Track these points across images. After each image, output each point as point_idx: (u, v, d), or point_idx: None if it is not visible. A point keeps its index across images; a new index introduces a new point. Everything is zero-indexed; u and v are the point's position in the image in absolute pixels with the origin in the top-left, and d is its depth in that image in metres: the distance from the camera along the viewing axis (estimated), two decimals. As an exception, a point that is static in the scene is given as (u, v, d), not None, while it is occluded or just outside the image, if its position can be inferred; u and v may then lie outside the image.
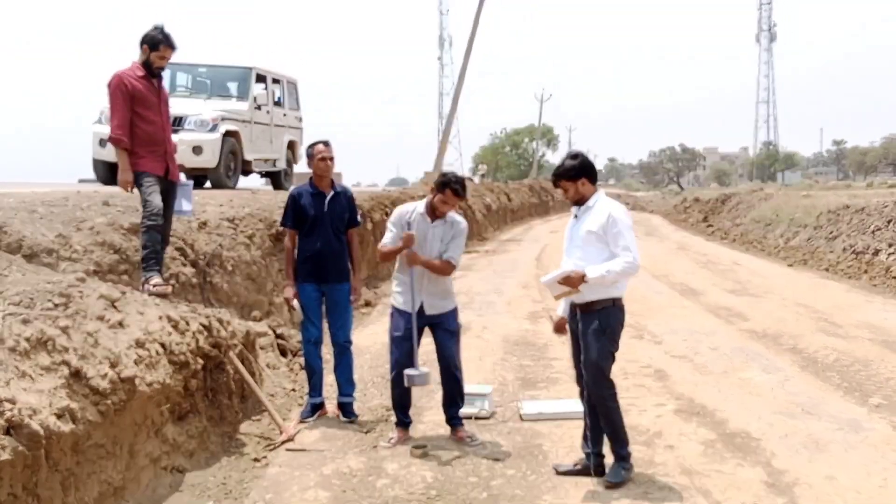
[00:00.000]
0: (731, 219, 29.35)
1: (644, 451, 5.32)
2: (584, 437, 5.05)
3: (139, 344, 4.47)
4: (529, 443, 5.55)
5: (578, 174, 4.85)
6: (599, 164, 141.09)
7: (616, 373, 7.43)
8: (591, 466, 4.91)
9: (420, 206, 5.59)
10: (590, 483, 4.80)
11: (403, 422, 5.70)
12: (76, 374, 3.86)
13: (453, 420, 5.67)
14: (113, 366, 4.09)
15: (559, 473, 5.00)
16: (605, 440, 4.92)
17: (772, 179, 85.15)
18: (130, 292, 5.23)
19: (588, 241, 4.77)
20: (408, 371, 5.40)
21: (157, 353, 4.65)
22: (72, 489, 3.77)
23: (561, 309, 5.14)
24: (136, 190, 5.85)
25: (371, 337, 9.18)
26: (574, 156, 4.99)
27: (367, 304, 11.45)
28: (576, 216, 4.96)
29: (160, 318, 4.96)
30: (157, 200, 5.71)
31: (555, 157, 78.40)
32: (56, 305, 4.13)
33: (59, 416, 3.63)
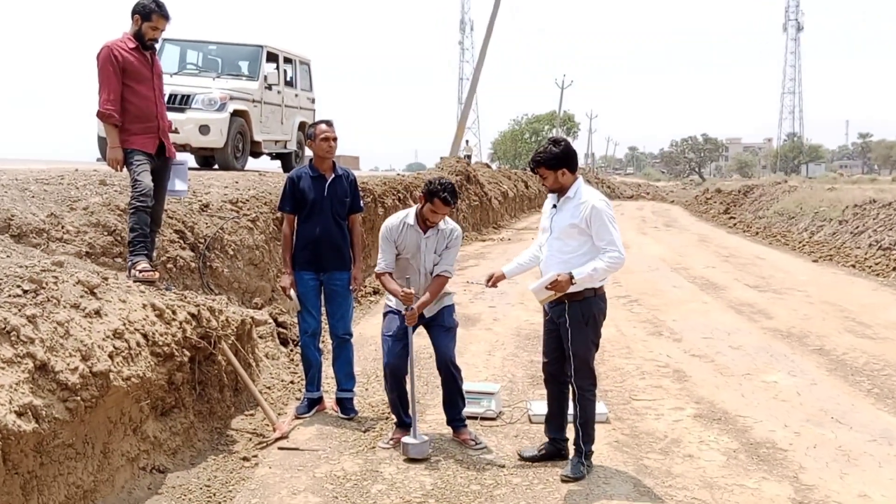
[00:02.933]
0: (754, 211, 28.78)
1: (661, 461, 4.95)
2: (547, 423, 5.00)
3: (117, 335, 4.14)
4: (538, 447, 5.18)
5: (559, 163, 4.63)
6: (620, 153, 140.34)
7: (632, 372, 7.14)
8: (556, 451, 4.92)
9: (410, 215, 5.23)
10: (602, 496, 4.43)
11: (403, 422, 5.35)
12: (42, 368, 3.54)
13: (455, 422, 5.32)
14: (85, 359, 3.77)
15: (523, 459, 4.92)
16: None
17: (795, 172, 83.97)
18: (115, 278, 4.91)
19: (569, 234, 4.62)
20: (405, 439, 5.08)
21: (138, 344, 4.32)
22: (34, 493, 3.46)
23: (508, 268, 5.04)
24: (125, 169, 5.51)
25: (377, 327, 8.75)
26: (556, 142, 4.73)
27: (375, 291, 11.11)
28: (554, 206, 4.77)
29: (144, 306, 4.63)
30: (147, 180, 5.37)
31: (575, 145, 77.78)
32: (25, 292, 3.81)
33: (20, 414, 3.31)
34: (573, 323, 4.62)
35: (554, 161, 4.59)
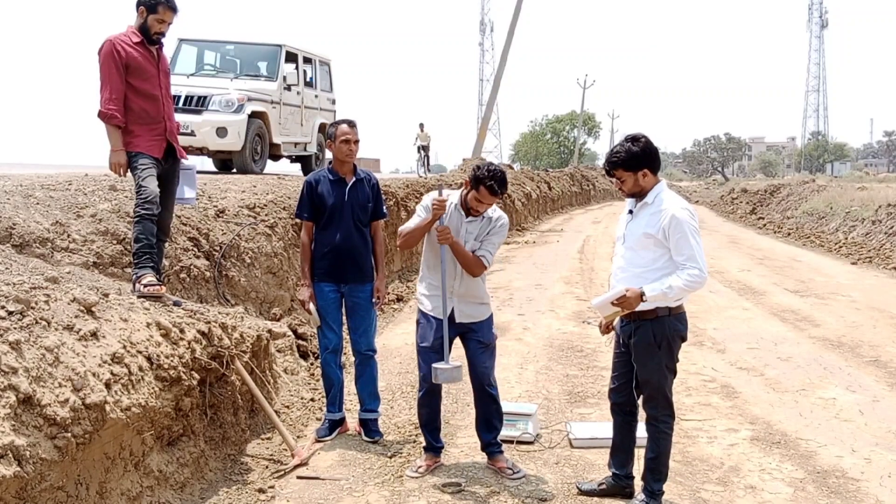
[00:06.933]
0: (782, 211, 28.11)
1: (720, 494, 4.45)
2: (611, 456, 4.46)
3: (116, 359, 3.71)
4: (581, 477, 4.69)
5: (641, 163, 3.97)
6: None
7: (676, 387, 6.49)
8: (618, 488, 4.39)
9: (455, 195, 4.74)
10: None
11: (433, 446, 4.89)
12: (26, 402, 3.11)
13: (490, 447, 4.83)
14: (76, 389, 3.34)
15: (581, 492, 4.43)
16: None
17: (820, 171, 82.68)
18: (117, 293, 4.49)
19: (643, 245, 3.97)
20: (436, 364, 4.51)
21: (141, 368, 3.89)
22: (19, 544, 3.03)
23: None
24: (129, 173, 5.10)
25: (401, 337, 8.40)
26: (635, 139, 4.01)
27: (399, 299, 10.68)
28: (630, 211, 4.12)
29: (148, 325, 4.20)
30: (152, 186, 4.94)
31: (596, 146, 77.19)
32: (10, 314, 3.38)
33: (-1, 457, 2.89)
34: (642, 345, 4.02)
35: (634, 161, 3.95)
